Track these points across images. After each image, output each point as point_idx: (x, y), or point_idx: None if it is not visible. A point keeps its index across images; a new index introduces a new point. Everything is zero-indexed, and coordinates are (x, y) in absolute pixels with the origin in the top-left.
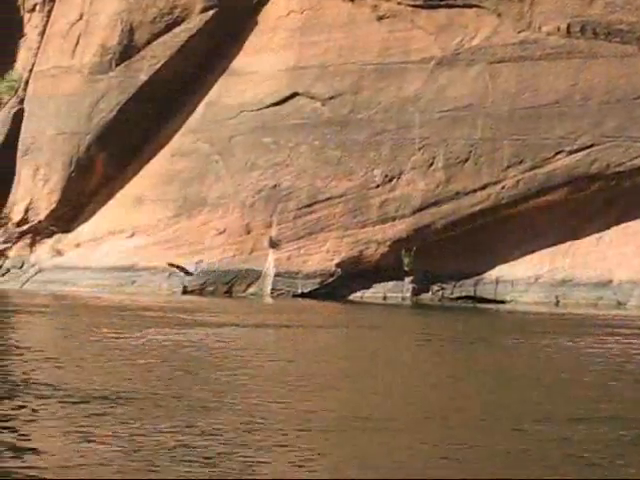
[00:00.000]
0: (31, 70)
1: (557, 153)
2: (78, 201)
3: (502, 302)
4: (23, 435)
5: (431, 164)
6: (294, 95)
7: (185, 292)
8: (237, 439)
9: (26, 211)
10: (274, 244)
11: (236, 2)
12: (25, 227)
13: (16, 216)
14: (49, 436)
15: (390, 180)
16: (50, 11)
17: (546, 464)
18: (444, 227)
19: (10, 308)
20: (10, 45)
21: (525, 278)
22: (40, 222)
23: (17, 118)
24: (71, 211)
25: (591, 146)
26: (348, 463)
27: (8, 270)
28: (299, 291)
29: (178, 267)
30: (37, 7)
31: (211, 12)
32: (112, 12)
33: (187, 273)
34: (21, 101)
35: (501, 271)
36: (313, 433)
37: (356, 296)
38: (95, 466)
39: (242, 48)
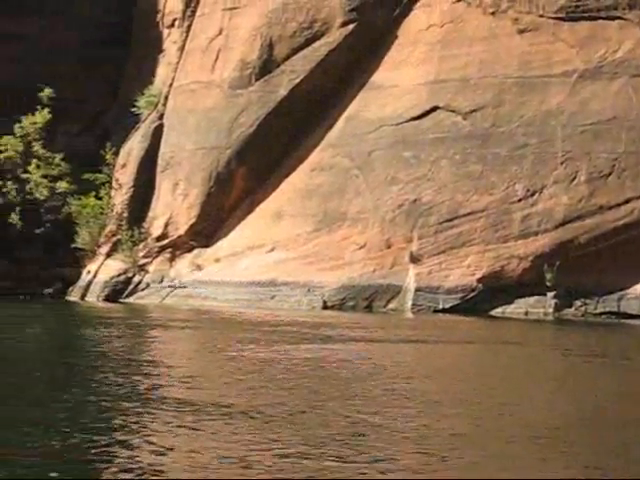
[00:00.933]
0: (171, 85)
1: None
2: (217, 216)
3: None
4: (150, 449)
5: (574, 178)
6: (434, 109)
7: (325, 307)
8: (362, 462)
9: (166, 226)
10: (415, 259)
11: (376, 16)
12: (165, 242)
13: (156, 231)
14: (177, 450)
15: (532, 194)
16: (189, 26)
17: None
18: (587, 242)
19: (150, 323)
20: (149, 61)
21: None
22: (180, 237)
23: (157, 133)
24: (210, 226)
25: None
26: None
27: (148, 285)
28: (440, 306)
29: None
30: (176, 23)
31: (351, 26)
32: (251, 27)
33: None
34: (161, 116)
35: None
36: (442, 456)
37: (497, 311)
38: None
39: (382, 62)
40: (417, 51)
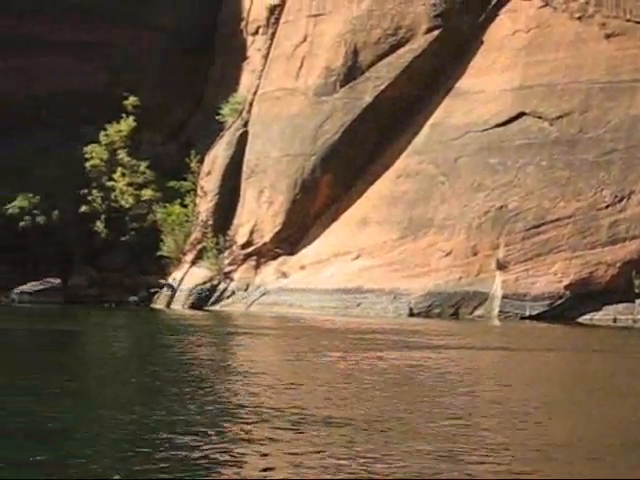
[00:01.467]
0: (255, 92)
1: None
2: (302, 223)
3: None
4: (239, 458)
5: None
6: (520, 115)
7: (411, 314)
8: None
9: (251, 233)
10: (501, 266)
11: (461, 22)
12: (250, 249)
13: (241, 238)
14: (263, 458)
15: (620, 200)
16: (274, 34)
17: None
18: None
19: (236, 330)
20: (233, 68)
21: None
22: (265, 244)
23: (242, 140)
24: (296, 233)
25: None
26: None
27: (233, 292)
28: (527, 313)
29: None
30: (260, 30)
31: (436, 32)
32: (336, 34)
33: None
34: (245, 123)
35: None
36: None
37: (585, 318)
38: None
39: (467, 68)
40: (503, 57)
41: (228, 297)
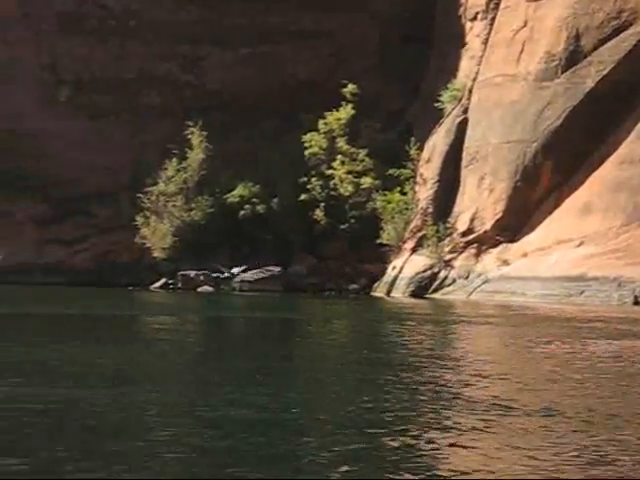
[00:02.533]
0: (474, 79)
1: None
2: (524, 210)
3: None
4: (451, 449)
5: None
6: None
7: (636, 303)
8: None
9: (471, 221)
10: None
11: None
12: (470, 237)
13: (461, 226)
14: (477, 450)
15: None
16: (493, 19)
17: None
18: None
19: (456, 319)
20: (452, 55)
21: None
22: (485, 232)
23: (461, 127)
24: (516, 220)
25: None
26: None
27: (454, 280)
28: None
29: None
30: (479, 16)
31: None
32: (557, 18)
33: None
34: (465, 110)
35: None
36: None
37: None
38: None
39: None
40: None
41: (448, 285)
